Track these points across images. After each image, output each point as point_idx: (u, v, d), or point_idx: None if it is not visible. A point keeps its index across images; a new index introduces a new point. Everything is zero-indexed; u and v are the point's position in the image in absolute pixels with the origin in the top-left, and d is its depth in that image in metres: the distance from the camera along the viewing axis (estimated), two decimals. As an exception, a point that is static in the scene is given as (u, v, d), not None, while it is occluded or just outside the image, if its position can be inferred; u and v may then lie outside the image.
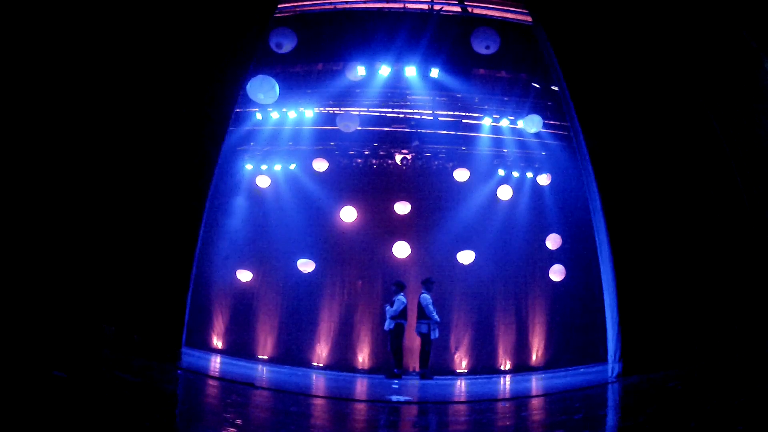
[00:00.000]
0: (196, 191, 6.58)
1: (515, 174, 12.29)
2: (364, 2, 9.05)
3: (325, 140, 12.06)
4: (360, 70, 9.80)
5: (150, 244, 6.09)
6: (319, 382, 8.56)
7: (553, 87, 10.23)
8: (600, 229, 6.77)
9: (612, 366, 6.29)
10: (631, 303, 6.18)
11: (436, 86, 10.32)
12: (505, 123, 11.21)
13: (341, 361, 11.49)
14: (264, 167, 12.32)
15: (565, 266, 11.58)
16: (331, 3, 9.01)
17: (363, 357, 11.62)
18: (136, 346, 5.72)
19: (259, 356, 11.53)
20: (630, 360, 5.99)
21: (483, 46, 8.43)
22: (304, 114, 11.19)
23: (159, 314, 6.04)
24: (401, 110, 11.56)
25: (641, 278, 6.17)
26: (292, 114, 11.15)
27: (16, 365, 3.80)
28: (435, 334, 9.95)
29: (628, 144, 6.49)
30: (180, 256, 6.36)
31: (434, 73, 9.79)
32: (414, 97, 11.10)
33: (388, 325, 10.04)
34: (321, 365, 11.47)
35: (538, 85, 10.34)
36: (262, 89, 8.54)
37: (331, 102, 11.08)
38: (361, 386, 8.25)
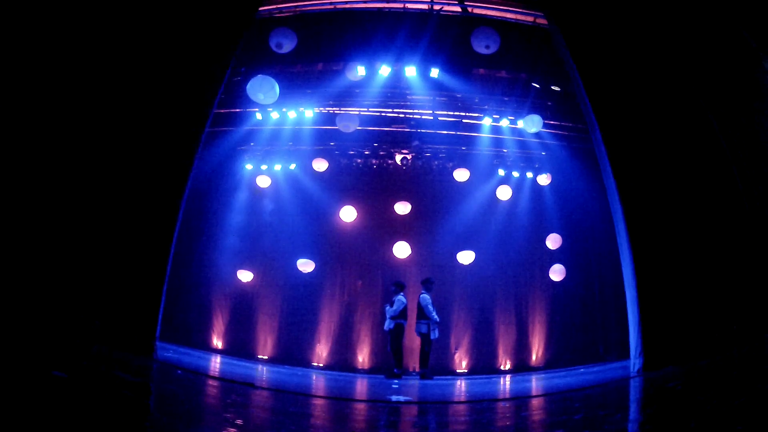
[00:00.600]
0: (173, 186, 6.58)
1: (515, 174, 12.27)
2: (364, 2, 9.04)
3: (325, 140, 12.05)
4: (360, 70, 9.79)
5: (124, 237, 6.11)
6: (319, 382, 8.56)
7: (553, 87, 10.24)
8: (621, 231, 6.89)
9: (634, 361, 6.46)
10: (651, 300, 6.32)
11: (436, 86, 10.30)
12: (505, 123, 11.18)
13: (341, 361, 11.49)
14: (264, 167, 12.30)
15: (565, 266, 11.59)
16: (331, 3, 9.01)
17: (363, 357, 11.62)
18: (112, 337, 5.70)
19: (259, 356, 11.52)
20: (651, 355, 6.13)
21: (483, 46, 8.43)
22: (304, 114, 11.17)
23: (133, 307, 6.04)
24: (401, 110, 11.54)
25: (660, 276, 6.31)
26: (292, 114, 11.13)
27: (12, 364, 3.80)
28: (435, 334, 9.94)
29: (643, 146, 6.59)
30: (155, 250, 6.39)
31: (434, 73, 9.78)
32: (414, 97, 11.08)
33: (388, 325, 10.04)
34: (321, 365, 11.46)
35: (538, 85, 10.33)
36: (262, 89, 8.54)
37: (331, 102, 11.06)
38: (361, 386, 8.25)
